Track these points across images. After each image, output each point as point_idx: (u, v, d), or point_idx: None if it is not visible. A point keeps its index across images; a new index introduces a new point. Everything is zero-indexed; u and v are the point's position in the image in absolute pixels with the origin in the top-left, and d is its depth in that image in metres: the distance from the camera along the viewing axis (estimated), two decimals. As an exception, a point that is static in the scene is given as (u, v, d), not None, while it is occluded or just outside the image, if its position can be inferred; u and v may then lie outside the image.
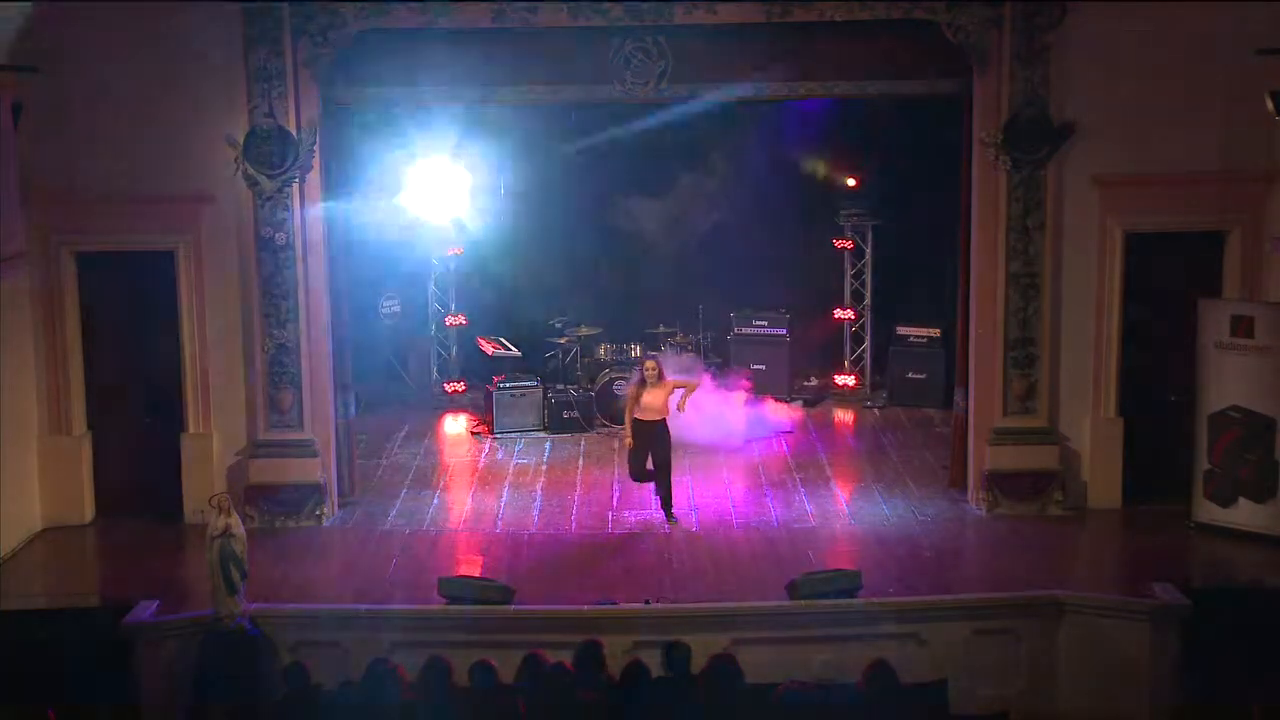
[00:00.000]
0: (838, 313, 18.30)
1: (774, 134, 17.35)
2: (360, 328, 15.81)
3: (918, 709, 9.43)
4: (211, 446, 13.86)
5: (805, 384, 18.09)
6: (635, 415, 13.72)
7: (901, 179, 17.38)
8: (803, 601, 11.66)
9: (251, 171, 13.38)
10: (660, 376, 13.75)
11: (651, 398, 13.67)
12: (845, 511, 14.07)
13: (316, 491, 13.77)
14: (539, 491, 14.78)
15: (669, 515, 13.73)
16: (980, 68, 13.42)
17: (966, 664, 11.50)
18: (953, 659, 11.44)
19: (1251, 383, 12.98)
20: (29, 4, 13.05)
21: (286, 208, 13.45)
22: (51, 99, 13.22)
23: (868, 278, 18.05)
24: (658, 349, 17.08)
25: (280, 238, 13.49)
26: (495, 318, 18.70)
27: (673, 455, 13.91)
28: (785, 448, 16.11)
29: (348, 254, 14.29)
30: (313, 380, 13.77)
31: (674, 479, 13.94)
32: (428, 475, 15.36)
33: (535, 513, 14.17)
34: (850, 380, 18.18)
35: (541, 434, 16.76)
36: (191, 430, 13.90)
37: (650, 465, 13.78)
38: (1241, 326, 13.02)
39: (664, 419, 13.70)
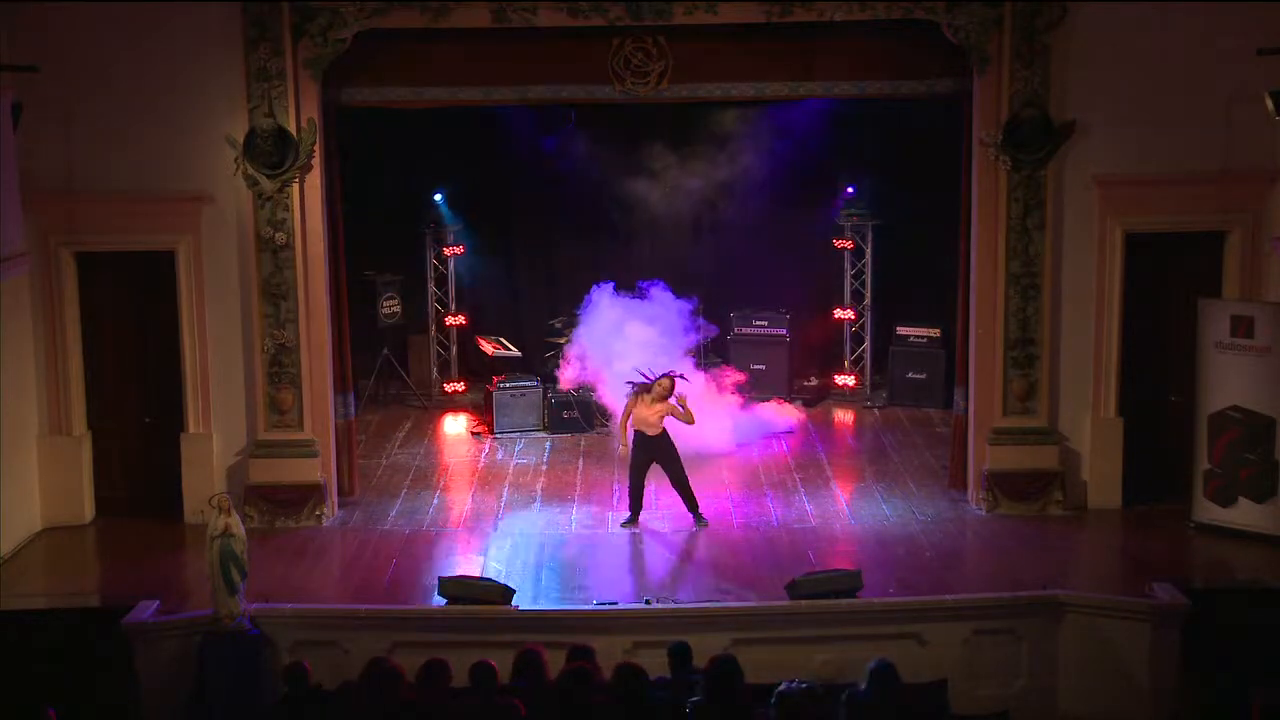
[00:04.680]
0: (838, 313, 18.27)
1: (774, 134, 17.32)
2: (360, 328, 15.81)
3: (918, 709, 9.43)
4: (211, 446, 13.86)
5: (805, 384, 18.08)
6: (636, 428, 13.55)
7: (901, 179, 17.36)
8: (803, 601, 11.65)
9: (251, 171, 13.38)
10: (668, 395, 13.44)
11: (650, 411, 13.45)
12: (845, 511, 14.06)
13: (316, 491, 13.76)
14: (539, 491, 14.78)
15: (698, 519, 13.62)
16: (980, 68, 13.41)
17: (966, 664, 11.51)
18: (953, 659, 11.44)
19: (1251, 383, 12.97)
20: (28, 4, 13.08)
21: (286, 208, 13.44)
22: (51, 99, 13.21)
23: (868, 278, 18.01)
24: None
25: (280, 238, 13.48)
26: (495, 318, 18.70)
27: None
28: (785, 448, 16.10)
29: (348, 254, 14.29)
30: (313, 380, 13.76)
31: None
32: (428, 475, 15.35)
33: (535, 513, 14.17)
34: (850, 380, 18.16)
35: (541, 434, 16.74)
36: (191, 430, 13.90)
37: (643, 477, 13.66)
38: (1241, 326, 13.02)
39: (664, 431, 13.55)
